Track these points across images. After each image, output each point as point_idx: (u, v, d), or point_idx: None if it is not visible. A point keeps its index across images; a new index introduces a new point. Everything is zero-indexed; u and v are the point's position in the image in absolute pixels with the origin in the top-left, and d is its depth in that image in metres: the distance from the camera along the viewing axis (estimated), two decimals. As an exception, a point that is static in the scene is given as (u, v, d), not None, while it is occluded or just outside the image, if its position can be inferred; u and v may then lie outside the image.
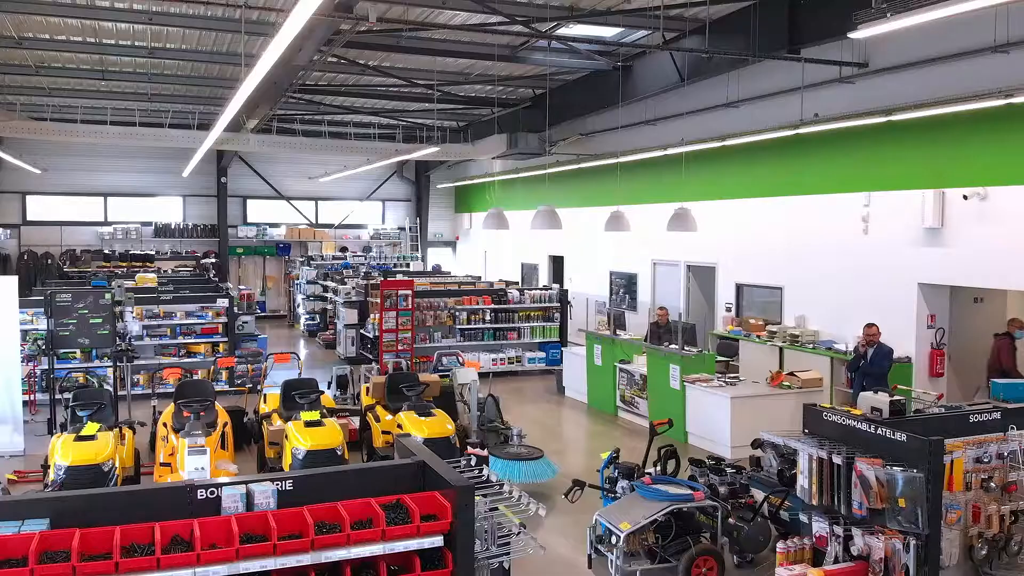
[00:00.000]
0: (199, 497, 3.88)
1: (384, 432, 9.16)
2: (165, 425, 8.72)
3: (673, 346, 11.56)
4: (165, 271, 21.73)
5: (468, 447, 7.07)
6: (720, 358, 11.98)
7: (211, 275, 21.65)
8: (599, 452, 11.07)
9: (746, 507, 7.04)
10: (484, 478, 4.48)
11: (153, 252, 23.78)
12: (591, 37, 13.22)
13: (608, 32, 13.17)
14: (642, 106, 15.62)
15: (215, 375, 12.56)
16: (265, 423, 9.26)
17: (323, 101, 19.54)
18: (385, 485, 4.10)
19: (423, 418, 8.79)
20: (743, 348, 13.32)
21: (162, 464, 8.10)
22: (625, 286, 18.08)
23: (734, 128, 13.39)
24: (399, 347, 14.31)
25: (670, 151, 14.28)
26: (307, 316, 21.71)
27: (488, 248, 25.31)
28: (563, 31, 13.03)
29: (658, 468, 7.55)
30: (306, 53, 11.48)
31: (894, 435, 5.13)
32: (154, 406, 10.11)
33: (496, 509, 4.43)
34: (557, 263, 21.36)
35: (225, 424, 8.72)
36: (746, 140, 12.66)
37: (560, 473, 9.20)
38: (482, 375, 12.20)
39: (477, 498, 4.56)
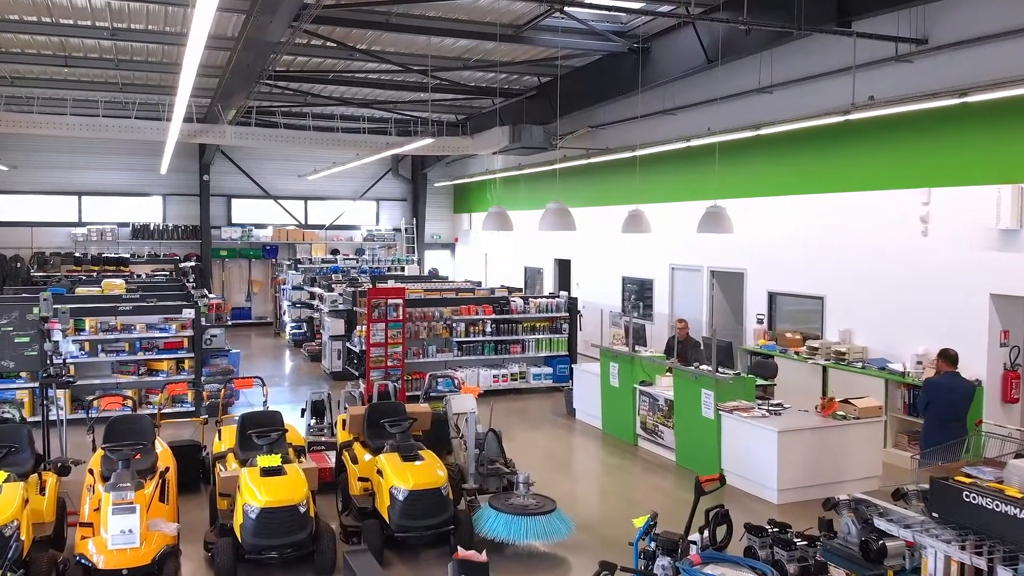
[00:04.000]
0: None
1: (361, 479, 7.52)
2: (91, 472, 7.12)
3: (705, 367, 9.94)
4: (139, 276, 20.17)
5: (459, 550, 5.41)
6: (759, 381, 10.35)
7: (189, 280, 20.04)
8: (618, 491, 9.48)
9: (823, 592, 5.43)
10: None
11: (129, 255, 22.16)
12: (610, 5, 11.54)
13: (630, 5, 11.54)
14: (662, 93, 14.00)
15: (163, 402, 10.87)
16: (219, 466, 7.63)
17: (310, 91, 17.94)
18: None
19: (408, 463, 7.16)
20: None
21: (83, 524, 6.49)
22: (638, 293, 16.45)
23: (768, 116, 11.78)
24: (388, 363, 12.78)
25: (694, 143, 12.67)
26: (293, 325, 20.09)
27: (489, 251, 23.69)
28: (576, 8, 11.42)
29: (705, 535, 5.93)
30: (277, 28, 9.92)
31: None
32: (92, 439, 8.47)
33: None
34: (563, 267, 19.72)
35: (165, 471, 7.10)
36: (785, 128, 11.01)
37: (576, 524, 7.58)
38: (483, 396, 10.63)
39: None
